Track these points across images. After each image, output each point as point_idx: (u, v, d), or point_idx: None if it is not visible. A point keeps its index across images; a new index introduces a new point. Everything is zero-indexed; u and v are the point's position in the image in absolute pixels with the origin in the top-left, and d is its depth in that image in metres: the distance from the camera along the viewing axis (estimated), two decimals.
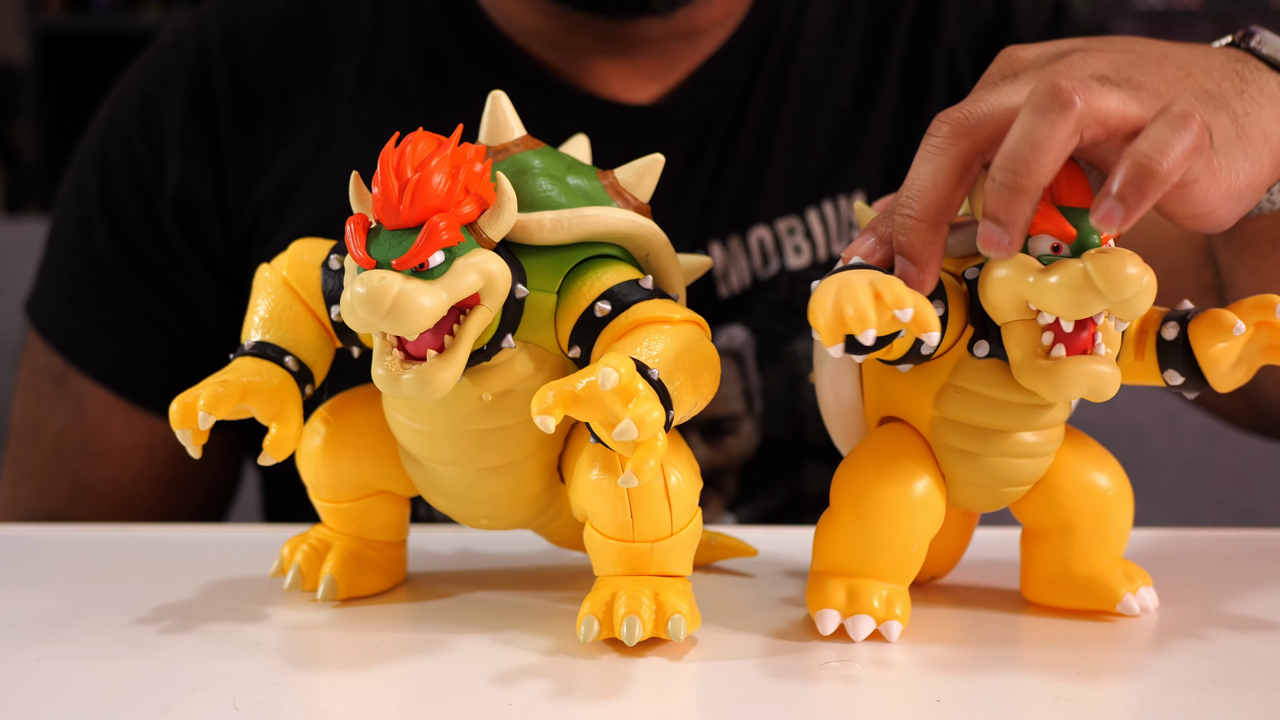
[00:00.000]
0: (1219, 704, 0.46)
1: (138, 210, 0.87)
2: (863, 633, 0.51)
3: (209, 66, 0.88)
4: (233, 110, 0.87)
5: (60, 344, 0.89)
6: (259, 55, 0.88)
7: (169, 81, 0.88)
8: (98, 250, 0.88)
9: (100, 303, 0.88)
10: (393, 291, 0.46)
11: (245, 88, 0.87)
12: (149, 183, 0.87)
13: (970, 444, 0.52)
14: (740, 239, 0.87)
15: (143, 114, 0.88)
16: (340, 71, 0.88)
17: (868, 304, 0.46)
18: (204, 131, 0.87)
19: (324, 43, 0.89)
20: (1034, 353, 0.49)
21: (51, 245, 0.91)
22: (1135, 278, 0.47)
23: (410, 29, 0.88)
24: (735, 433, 0.86)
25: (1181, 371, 0.52)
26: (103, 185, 0.88)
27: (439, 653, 0.51)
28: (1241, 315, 0.51)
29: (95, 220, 0.88)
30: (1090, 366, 0.49)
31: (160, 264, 0.87)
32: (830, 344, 0.46)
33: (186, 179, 0.86)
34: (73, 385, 0.89)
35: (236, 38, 0.88)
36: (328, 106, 0.87)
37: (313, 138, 0.86)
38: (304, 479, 0.57)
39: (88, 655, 0.50)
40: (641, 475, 0.46)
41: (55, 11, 2.74)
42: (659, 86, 0.88)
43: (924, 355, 0.51)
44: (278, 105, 0.87)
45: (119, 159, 0.88)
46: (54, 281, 0.90)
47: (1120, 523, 0.55)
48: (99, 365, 0.88)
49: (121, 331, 0.88)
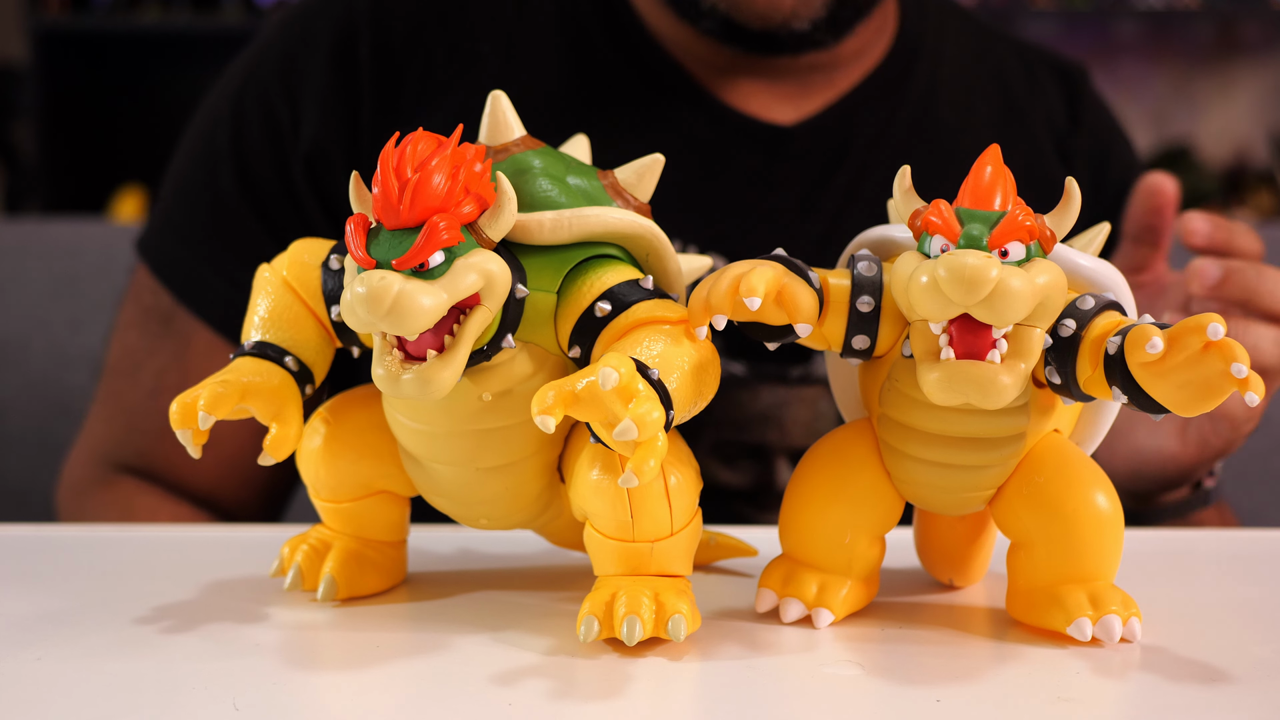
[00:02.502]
0: (1219, 704, 0.46)
1: (269, 159, 0.89)
2: (792, 615, 0.53)
3: (355, 30, 0.89)
4: (375, 74, 0.89)
5: (174, 282, 0.90)
6: (405, 24, 0.90)
7: (313, 40, 0.90)
8: (223, 194, 0.89)
9: (220, 246, 0.89)
10: (393, 291, 0.46)
11: (389, 54, 0.89)
12: (283, 134, 0.89)
13: (903, 443, 0.52)
14: None
15: (284, 68, 0.90)
16: (484, 49, 0.89)
17: (724, 291, 0.49)
18: (344, 91, 0.88)
19: (469, 19, 0.90)
20: (929, 353, 0.49)
21: (172, 188, 0.92)
22: (977, 271, 0.45)
23: (556, 16, 0.90)
24: None
25: (1123, 389, 0.48)
26: (235, 132, 0.90)
27: (439, 653, 0.51)
28: (1177, 336, 0.46)
29: (224, 165, 0.89)
30: (973, 371, 0.47)
31: (285, 214, 0.89)
32: (693, 326, 0.50)
33: (322, 134, 0.88)
34: (180, 324, 0.90)
35: (384, 5, 0.90)
36: (468, 81, 0.89)
37: (452, 110, 0.88)
38: (304, 479, 0.57)
39: (88, 655, 0.50)
40: (642, 475, 0.46)
41: (55, 11, 2.74)
42: (795, 111, 0.90)
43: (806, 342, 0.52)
44: (420, 74, 0.89)
45: (255, 108, 0.90)
46: (173, 222, 0.91)
47: (1092, 543, 0.52)
48: (210, 306, 0.89)
49: (237, 276, 0.87)
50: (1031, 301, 0.47)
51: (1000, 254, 0.48)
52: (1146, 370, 0.47)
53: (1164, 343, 0.46)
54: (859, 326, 0.51)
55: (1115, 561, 0.52)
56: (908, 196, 0.51)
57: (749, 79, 0.89)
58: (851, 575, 0.54)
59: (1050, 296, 0.48)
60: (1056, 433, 0.54)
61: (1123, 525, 0.52)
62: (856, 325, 0.51)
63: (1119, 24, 2.84)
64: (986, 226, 0.48)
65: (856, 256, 0.52)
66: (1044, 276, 0.48)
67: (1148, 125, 2.83)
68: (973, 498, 0.53)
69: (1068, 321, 0.49)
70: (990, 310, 0.47)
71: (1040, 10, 2.70)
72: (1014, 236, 0.48)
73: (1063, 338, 0.49)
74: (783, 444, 0.87)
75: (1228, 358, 0.46)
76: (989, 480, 0.52)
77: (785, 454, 0.87)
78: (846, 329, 0.51)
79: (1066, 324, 0.49)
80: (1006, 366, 0.48)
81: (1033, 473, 0.52)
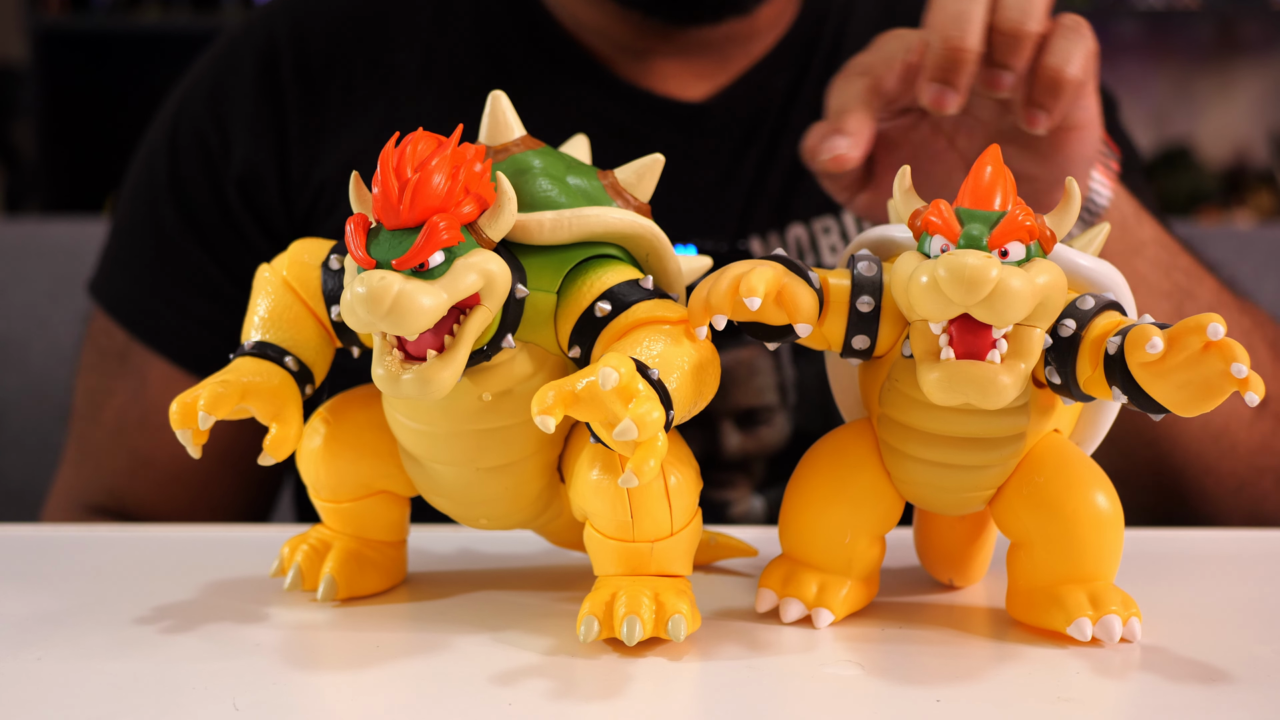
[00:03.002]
0: (1219, 704, 0.46)
1: (205, 187, 0.90)
2: (792, 615, 0.53)
3: (276, 53, 0.91)
4: (298, 93, 0.90)
5: (126, 319, 0.91)
6: (324, 43, 0.92)
7: (238, 66, 0.92)
8: (166, 227, 0.91)
9: (167, 278, 0.91)
10: (393, 291, 0.46)
11: (310, 73, 0.91)
12: (216, 161, 0.90)
13: (903, 443, 0.52)
14: (779, 234, 0.90)
15: (212, 97, 0.92)
16: (402, 60, 0.91)
17: (724, 291, 0.49)
18: (270, 112, 0.90)
19: (386, 32, 0.92)
20: (929, 353, 0.49)
21: (118, 226, 0.94)
22: (977, 271, 0.46)
23: (472, 20, 0.92)
24: (769, 423, 0.89)
25: (1123, 389, 0.48)
26: (172, 165, 0.91)
27: (439, 653, 0.51)
28: (1176, 336, 0.46)
29: (164, 199, 0.91)
30: (973, 371, 0.47)
31: (225, 239, 0.90)
32: (693, 326, 0.50)
33: (252, 156, 0.90)
34: (136, 360, 0.91)
35: (302, 27, 0.92)
36: (390, 93, 0.90)
37: (375, 123, 0.89)
38: (304, 479, 0.57)
39: (88, 655, 0.50)
40: (642, 475, 0.46)
41: (55, 11, 2.73)
42: (710, 85, 0.92)
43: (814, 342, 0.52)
44: (341, 91, 0.91)
45: (188, 140, 0.91)
46: (120, 260, 0.93)
47: (1092, 543, 0.51)
48: (163, 338, 0.90)
49: (186, 305, 0.90)
50: (1031, 301, 0.47)
51: (1000, 254, 0.48)
52: (1146, 370, 0.47)
53: (1164, 343, 0.46)
54: (859, 326, 0.51)
55: (1115, 561, 0.52)
56: (908, 196, 0.51)
57: (665, 58, 0.91)
58: (851, 575, 0.54)
59: (1050, 296, 0.48)
60: (1056, 433, 0.54)
61: (1123, 525, 0.52)
62: (856, 325, 0.51)
63: (1119, 24, 2.84)
64: (986, 226, 0.48)
65: (856, 256, 0.52)
66: (1044, 276, 0.48)
67: (1148, 125, 2.83)
68: (973, 498, 0.53)
69: (1068, 321, 0.49)
70: (990, 310, 0.47)
71: None
72: (1014, 236, 0.48)
73: (1063, 338, 0.49)
74: (724, 407, 0.88)
75: (1228, 358, 0.46)
76: (989, 480, 0.52)
77: (729, 416, 0.88)
78: (846, 329, 0.51)
79: (1066, 324, 0.49)
80: (1006, 366, 0.48)
81: (1033, 473, 0.52)
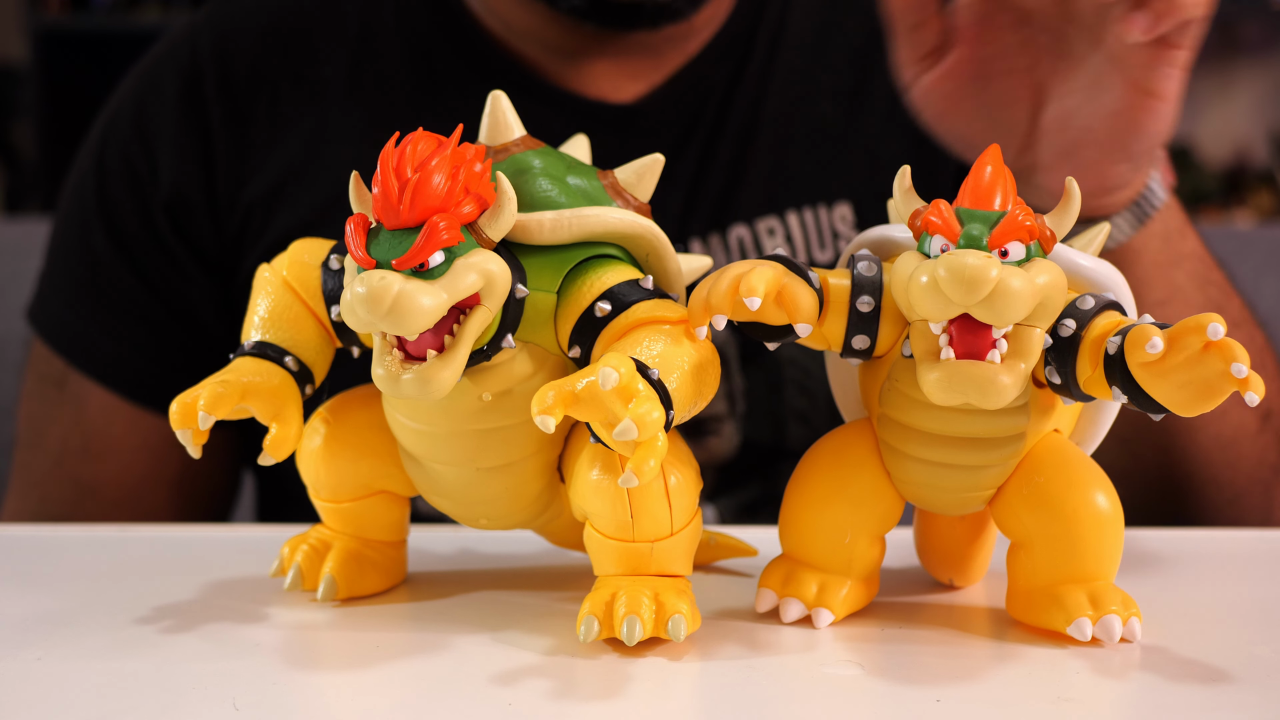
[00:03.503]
0: (1219, 704, 0.46)
1: (133, 211, 0.89)
2: (792, 615, 0.53)
3: (199, 70, 0.89)
4: (223, 112, 0.89)
5: (61, 346, 0.90)
6: (248, 59, 0.90)
7: (161, 86, 0.90)
8: (97, 253, 0.89)
9: (100, 304, 0.89)
10: (393, 291, 0.46)
11: (234, 90, 0.89)
12: (143, 184, 0.89)
13: (903, 443, 0.52)
14: (720, 236, 0.88)
15: (137, 118, 0.90)
16: (329, 74, 0.89)
17: (724, 291, 0.49)
18: (195, 132, 0.89)
19: (311, 46, 0.90)
20: (929, 353, 0.49)
21: (52, 251, 0.93)
22: (977, 271, 0.46)
23: (398, 31, 0.90)
24: (717, 433, 0.88)
25: (1123, 389, 0.48)
26: (100, 189, 0.90)
27: (439, 653, 0.51)
28: (1176, 337, 0.46)
29: (94, 224, 0.89)
30: (973, 371, 0.47)
31: (156, 263, 0.89)
32: (693, 326, 0.50)
33: (179, 178, 0.88)
34: (74, 388, 0.90)
35: (225, 43, 0.90)
36: (317, 108, 0.89)
37: (303, 138, 0.88)
38: (304, 479, 0.57)
39: (88, 655, 0.50)
40: (642, 475, 0.46)
41: (55, 11, 2.73)
42: (643, 85, 0.89)
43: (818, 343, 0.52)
44: (267, 107, 0.89)
45: (115, 163, 0.90)
46: (55, 286, 0.92)
47: (1092, 543, 0.51)
48: (99, 366, 0.89)
49: (121, 332, 0.89)
50: (1031, 301, 0.47)
51: (1000, 254, 0.48)
52: (1146, 370, 0.47)
53: (1164, 343, 0.46)
54: (859, 326, 0.51)
55: (1115, 561, 0.52)
56: (908, 196, 0.51)
57: (598, 60, 0.89)
58: (851, 575, 0.54)
59: (1050, 296, 0.48)
60: (1056, 433, 0.54)
61: (1123, 525, 0.52)
62: (856, 325, 0.51)
63: None
64: (986, 226, 0.48)
65: (856, 256, 0.52)
66: (1044, 276, 0.48)
67: None
68: (973, 498, 0.53)
69: (1068, 321, 0.49)
70: (990, 310, 0.47)
71: None
72: (1014, 236, 0.48)
73: (1063, 338, 0.49)
74: None
75: (1228, 358, 0.46)
76: (989, 480, 0.52)
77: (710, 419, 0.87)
78: (846, 329, 0.51)
79: (1066, 324, 0.49)
80: (1006, 366, 0.48)
81: (1033, 473, 0.52)
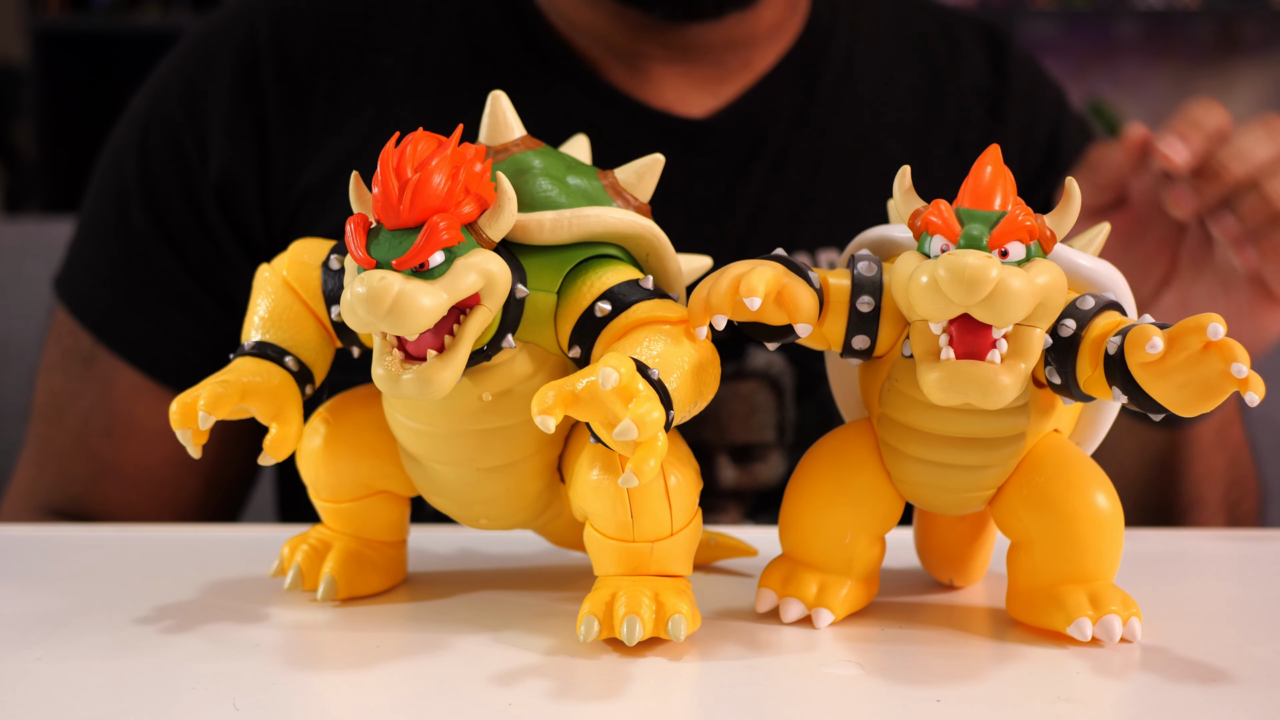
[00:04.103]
0: (1219, 704, 0.46)
1: (178, 192, 0.87)
2: (792, 615, 0.53)
3: (257, 53, 0.87)
4: (280, 97, 0.87)
5: (92, 323, 0.88)
6: (307, 44, 0.88)
7: (214, 65, 0.88)
8: (135, 231, 0.88)
9: (135, 283, 0.88)
10: (393, 291, 0.46)
11: (293, 75, 0.87)
12: (191, 165, 0.87)
13: (903, 443, 0.52)
14: None
15: (187, 96, 0.88)
16: (390, 63, 0.88)
17: (724, 291, 0.49)
18: (250, 116, 0.87)
19: (373, 34, 0.89)
20: (929, 353, 0.49)
21: (85, 225, 0.91)
22: (977, 271, 0.46)
23: (463, 24, 0.89)
24: (764, 459, 0.87)
25: (1123, 389, 0.48)
26: (143, 166, 0.88)
27: (439, 653, 0.51)
28: (1177, 337, 0.46)
29: (134, 201, 0.88)
30: (973, 371, 0.47)
31: (198, 247, 0.87)
32: (693, 326, 0.50)
33: (230, 163, 0.86)
34: (102, 366, 0.88)
35: (285, 26, 0.88)
36: (378, 97, 0.87)
37: (362, 128, 0.86)
38: (304, 479, 0.57)
39: (88, 655, 0.50)
40: (642, 475, 0.46)
41: (55, 11, 2.73)
42: (713, 101, 0.88)
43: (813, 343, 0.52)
44: (326, 94, 0.87)
45: (161, 140, 0.88)
46: (87, 261, 0.90)
47: (1092, 543, 0.51)
48: (131, 345, 0.88)
49: (155, 312, 0.87)
50: (1031, 301, 0.47)
51: (1000, 254, 0.48)
52: (1146, 370, 0.47)
53: (1164, 343, 0.46)
54: (859, 326, 0.51)
55: (1115, 561, 0.52)
56: (908, 196, 0.51)
57: (664, 67, 0.88)
58: (851, 575, 0.54)
59: (1050, 296, 0.48)
60: (1056, 433, 0.54)
61: (1123, 525, 0.52)
62: (856, 325, 0.51)
63: (1119, 24, 2.84)
64: (986, 226, 0.48)
65: (856, 256, 0.52)
66: (1044, 276, 0.48)
67: (1148, 125, 2.83)
68: (973, 498, 0.53)
69: (1068, 321, 0.49)
70: (990, 310, 0.47)
71: (1040, 10, 2.70)
72: (1014, 236, 0.48)
73: (1063, 338, 0.49)
74: (721, 440, 0.86)
75: (1228, 358, 0.46)
76: (989, 480, 0.52)
77: (725, 450, 0.86)
78: (846, 329, 0.51)
79: (1066, 324, 0.49)
80: (1006, 366, 0.48)
81: (1033, 473, 0.52)
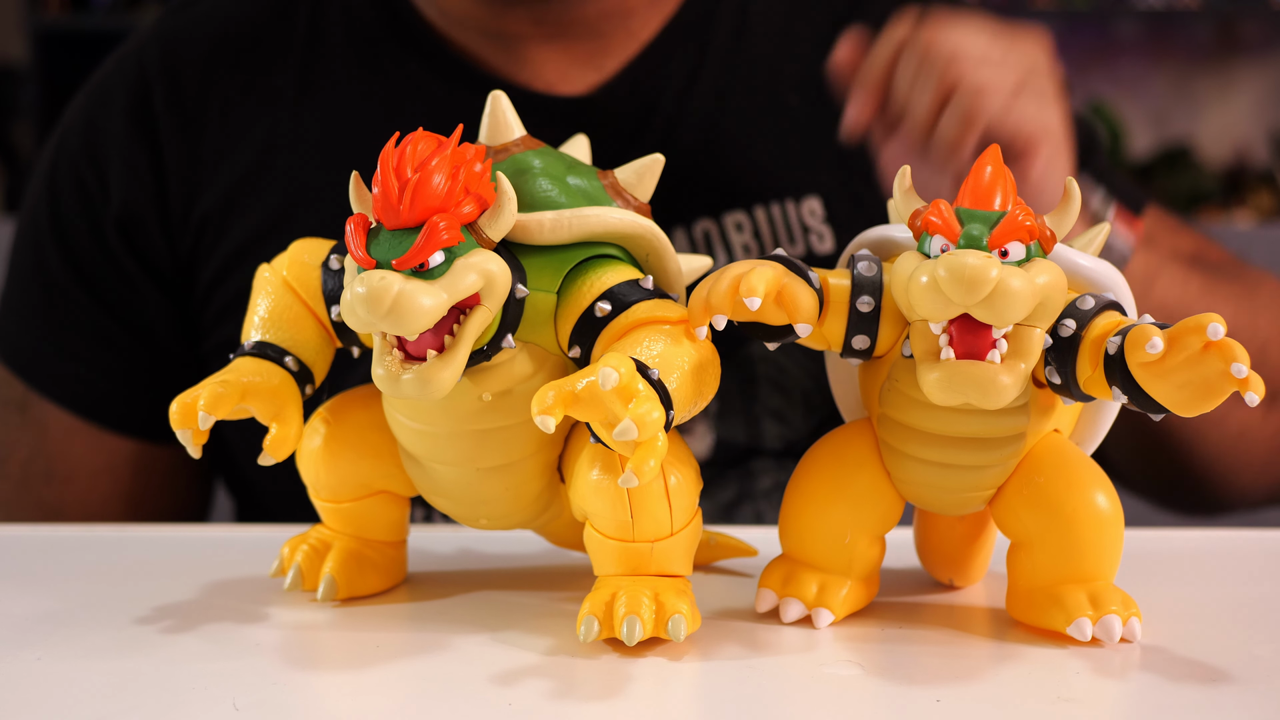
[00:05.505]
0: (1219, 704, 0.46)
1: (86, 230, 0.88)
2: (792, 615, 0.53)
3: (148, 84, 0.88)
4: (173, 125, 0.87)
5: (20, 368, 0.89)
6: (197, 70, 0.88)
7: (109, 102, 0.89)
8: (51, 273, 0.88)
9: (56, 325, 0.88)
10: (393, 291, 0.46)
11: (184, 102, 0.88)
12: (94, 201, 0.87)
13: (903, 443, 0.52)
14: (685, 230, 0.85)
15: (86, 135, 0.89)
16: (280, 81, 0.88)
17: (724, 291, 0.49)
18: (145, 147, 0.87)
19: (261, 55, 0.89)
20: (929, 353, 0.49)
21: (10, 271, 0.91)
22: (977, 271, 0.46)
23: (346, 34, 0.89)
24: (689, 432, 0.86)
25: (1123, 389, 0.48)
26: (52, 208, 0.89)
27: (439, 653, 0.51)
28: (1176, 337, 0.46)
29: (47, 244, 0.88)
30: (973, 371, 0.47)
31: (109, 282, 0.88)
32: (693, 326, 0.50)
33: (129, 195, 0.87)
34: (35, 411, 0.89)
35: (174, 55, 0.89)
36: (268, 116, 0.87)
37: (254, 147, 0.87)
38: (304, 479, 0.57)
39: (88, 655, 0.50)
40: (642, 475, 0.46)
41: (55, 11, 2.73)
42: (596, 76, 0.87)
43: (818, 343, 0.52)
44: (218, 118, 0.87)
45: (66, 180, 0.89)
46: (13, 309, 0.91)
47: (1092, 543, 0.51)
48: (58, 387, 0.88)
49: (78, 352, 0.88)
50: (1031, 301, 0.47)
51: (1000, 254, 0.48)
52: (1146, 370, 0.47)
53: (1164, 343, 0.46)
54: (859, 326, 0.51)
55: (1115, 561, 0.52)
56: (908, 196, 0.51)
57: (541, 45, 0.87)
58: (851, 575, 0.54)
59: (1050, 296, 0.48)
60: (1056, 433, 0.54)
61: (1123, 525, 0.52)
62: (856, 325, 0.51)
63: (1119, 24, 2.84)
64: (986, 226, 0.48)
65: (856, 256, 0.52)
66: (1044, 276, 0.48)
67: (1148, 125, 2.83)
68: (973, 498, 0.53)
69: (1068, 321, 0.49)
70: (990, 310, 0.47)
71: (1040, 10, 2.70)
72: (1014, 236, 0.48)
73: (1063, 338, 0.49)
74: None
75: (1228, 358, 0.46)
76: (989, 480, 0.52)
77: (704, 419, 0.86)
78: (846, 329, 0.51)
79: (1066, 324, 0.49)
80: (1006, 366, 0.48)
81: (1033, 473, 0.52)
